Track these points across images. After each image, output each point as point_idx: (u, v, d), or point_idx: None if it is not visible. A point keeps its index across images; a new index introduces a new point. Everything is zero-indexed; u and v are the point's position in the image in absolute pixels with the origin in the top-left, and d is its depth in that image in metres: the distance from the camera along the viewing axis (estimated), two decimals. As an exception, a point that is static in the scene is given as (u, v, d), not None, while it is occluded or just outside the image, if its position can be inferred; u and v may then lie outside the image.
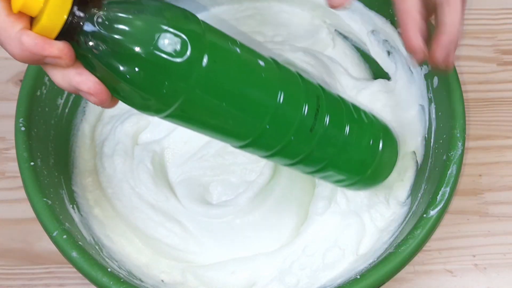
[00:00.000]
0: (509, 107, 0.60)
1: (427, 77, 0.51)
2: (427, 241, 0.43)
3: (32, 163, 0.45)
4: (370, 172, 0.46)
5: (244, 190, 0.50)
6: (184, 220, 0.50)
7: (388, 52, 0.55)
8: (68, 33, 0.33)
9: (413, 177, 0.50)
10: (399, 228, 0.47)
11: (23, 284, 0.52)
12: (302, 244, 0.49)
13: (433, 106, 0.50)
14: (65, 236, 0.43)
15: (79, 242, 0.43)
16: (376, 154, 0.46)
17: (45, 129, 0.49)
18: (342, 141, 0.44)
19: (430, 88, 0.50)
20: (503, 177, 0.57)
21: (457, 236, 0.54)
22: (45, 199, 0.44)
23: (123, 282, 0.41)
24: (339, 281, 0.44)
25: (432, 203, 0.43)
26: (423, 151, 0.51)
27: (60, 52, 0.33)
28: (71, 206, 0.49)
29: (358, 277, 0.41)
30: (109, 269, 0.42)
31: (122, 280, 0.41)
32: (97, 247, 0.47)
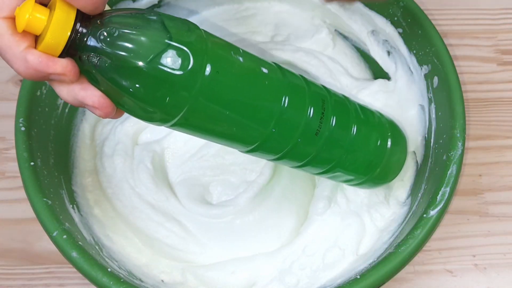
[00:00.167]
0: (509, 107, 0.60)
1: (427, 77, 0.51)
2: (427, 241, 0.43)
3: (32, 163, 0.45)
4: (379, 171, 0.46)
5: (244, 190, 0.50)
6: (184, 220, 0.50)
7: (388, 52, 0.55)
8: (72, 49, 0.34)
9: (413, 177, 0.50)
10: (399, 228, 0.47)
11: (23, 284, 0.52)
12: (302, 244, 0.49)
13: (433, 106, 0.50)
14: (65, 236, 0.43)
15: (79, 242, 0.43)
16: (384, 154, 0.46)
17: (45, 129, 0.49)
18: (349, 142, 0.44)
19: (430, 88, 0.50)
20: (503, 177, 0.57)
21: (457, 236, 0.54)
22: (45, 199, 0.44)
23: (123, 282, 0.41)
24: (339, 281, 0.44)
25: (432, 203, 0.43)
26: (423, 151, 0.51)
27: (64, 69, 0.34)
28: (71, 206, 0.48)
29: (358, 277, 0.41)
30: (109, 269, 0.42)
31: (122, 280, 0.41)
32: (97, 247, 0.47)
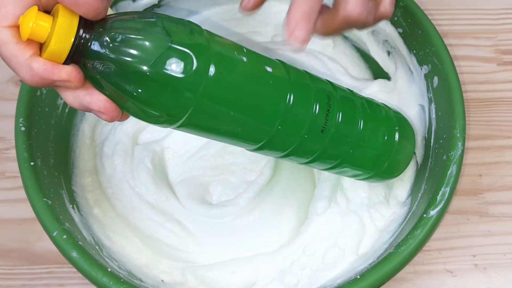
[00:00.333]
0: (509, 107, 0.60)
1: (427, 77, 0.51)
2: (427, 241, 0.43)
3: (32, 163, 0.45)
4: (386, 166, 0.46)
5: (244, 190, 0.50)
6: (184, 220, 0.50)
7: (388, 52, 0.55)
8: (76, 55, 0.34)
9: (413, 177, 0.51)
10: (399, 228, 0.47)
11: (23, 284, 0.52)
12: (302, 244, 0.49)
13: (433, 106, 0.50)
14: (65, 236, 0.43)
15: (79, 242, 0.43)
16: (392, 148, 0.46)
17: (45, 129, 0.49)
18: (356, 137, 0.44)
19: (430, 88, 0.50)
20: (503, 177, 0.57)
21: (457, 236, 0.54)
22: (45, 199, 0.44)
23: (123, 282, 0.41)
24: (339, 281, 0.44)
25: (432, 203, 0.43)
26: (423, 151, 0.51)
27: (68, 76, 0.34)
28: (71, 206, 0.48)
29: (358, 277, 0.41)
30: (109, 269, 0.42)
31: (122, 280, 0.41)
32: (97, 247, 0.47)
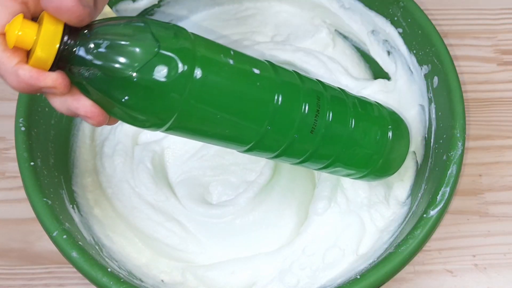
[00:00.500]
0: (509, 107, 0.60)
1: (427, 77, 0.51)
2: (427, 241, 0.43)
3: (32, 163, 0.45)
4: (380, 164, 0.46)
5: (244, 190, 0.50)
6: (184, 220, 0.50)
7: (388, 52, 0.55)
8: (62, 61, 0.34)
9: (413, 177, 0.50)
10: (399, 228, 0.47)
11: (23, 284, 0.52)
12: (302, 244, 0.49)
13: (433, 106, 0.50)
14: (65, 236, 0.43)
15: (79, 242, 0.43)
16: (385, 147, 0.46)
17: (45, 129, 0.49)
18: (348, 137, 0.44)
19: (430, 88, 0.50)
20: (503, 177, 0.57)
21: (457, 236, 0.54)
22: (45, 199, 0.44)
23: (123, 282, 0.41)
24: (339, 281, 0.44)
25: (432, 203, 0.43)
26: (423, 151, 0.51)
27: (54, 83, 0.34)
28: (71, 206, 0.48)
29: (358, 277, 0.41)
30: (109, 269, 0.42)
31: (122, 280, 0.41)
32: (97, 247, 0.47)
